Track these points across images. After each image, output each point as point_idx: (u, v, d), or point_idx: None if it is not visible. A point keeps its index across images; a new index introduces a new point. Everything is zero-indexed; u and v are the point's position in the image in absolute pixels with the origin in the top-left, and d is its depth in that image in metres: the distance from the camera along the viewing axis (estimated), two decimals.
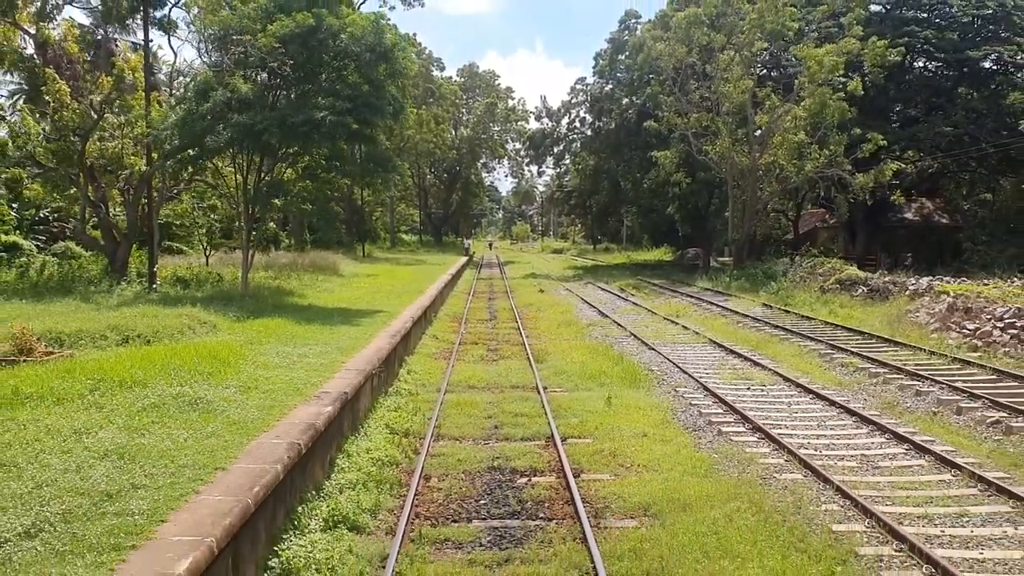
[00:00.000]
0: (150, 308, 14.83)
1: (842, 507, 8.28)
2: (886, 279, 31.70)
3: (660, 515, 7.88)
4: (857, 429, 11.59)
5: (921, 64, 52.17)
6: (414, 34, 54.47)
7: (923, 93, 49.80)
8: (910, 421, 12.21)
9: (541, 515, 8.08)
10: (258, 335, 13.28)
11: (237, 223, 32.30)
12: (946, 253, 48.87)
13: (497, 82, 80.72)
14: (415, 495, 8.42)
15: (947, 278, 31.31)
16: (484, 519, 7.96)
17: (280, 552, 6.35)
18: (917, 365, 16.46)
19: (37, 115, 19.80)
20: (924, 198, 57.70)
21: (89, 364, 9.18)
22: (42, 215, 36.13)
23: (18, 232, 32.86)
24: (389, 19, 20.14)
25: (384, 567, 6.51)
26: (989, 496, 8.72)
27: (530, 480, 9.17)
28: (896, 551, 7.20)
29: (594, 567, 6.61)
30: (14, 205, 33.48)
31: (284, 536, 6.63)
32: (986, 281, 28.66)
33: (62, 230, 35.79)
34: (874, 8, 49.62)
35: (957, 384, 14.24)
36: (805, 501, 8.38)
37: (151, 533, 4.92)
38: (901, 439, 10.87)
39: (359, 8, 33.49)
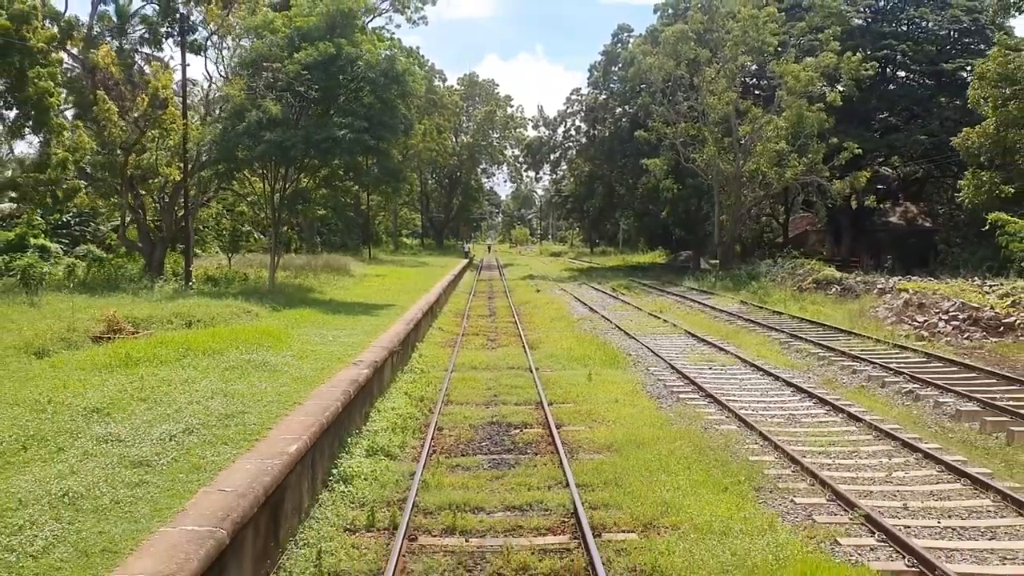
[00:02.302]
0: (200, 300, 17.32)
1: (761, 446, 10.73)
2: (858, 279, 34.12)
3: (620, 450, 10.31)
4: (792, 397, 14.04)
5: (903, 74, 54.80)
6: (417, 47, 57.07)
7: (903, 102, 52.38)
8: (840, 392, 14.64)
9: (529, 451, 10.52)
10: (295, 321, 15.75)
11: (255, 228, 34.82)
12: (927, 255, 51.05)
13: (496, 90, 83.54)
14: (432, 438, 10.86)
15: (915, 278, 33.76)
16: (486, 453, 10.40)
17: (338, 465, 8.80)
18: (862, 350, 18.89)
19: (90, 132, 22.21)
20: (909, 202, 60.24)
21: (175, 338, 11.64)
22: (64, 219, 38.55)
23: (44, 236, 35.36)
24: (394, 34, 22.51)
25: (413, 477, 8.94)
26: (880, 440, 11.15)
27: (521, 430, 11.60)
28: (793, 472, 9.65)
29: (566, 478, 9.05)
30: (38, 210, 35.95)
31: (339, 456, 9.09)
32: (949, 281, 31.12)
33: (83, 234, 38.31)
34: (856, 22, 52.28)
35: (890, 365, 16.66)
36: (733, 442, 10.83)
37: (264, 434, 7.37)
38: (825, 403, 13.31)
39: (367, 25, 35.93)
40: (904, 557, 7.12)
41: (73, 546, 4.71)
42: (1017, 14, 20.85)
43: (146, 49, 26.52)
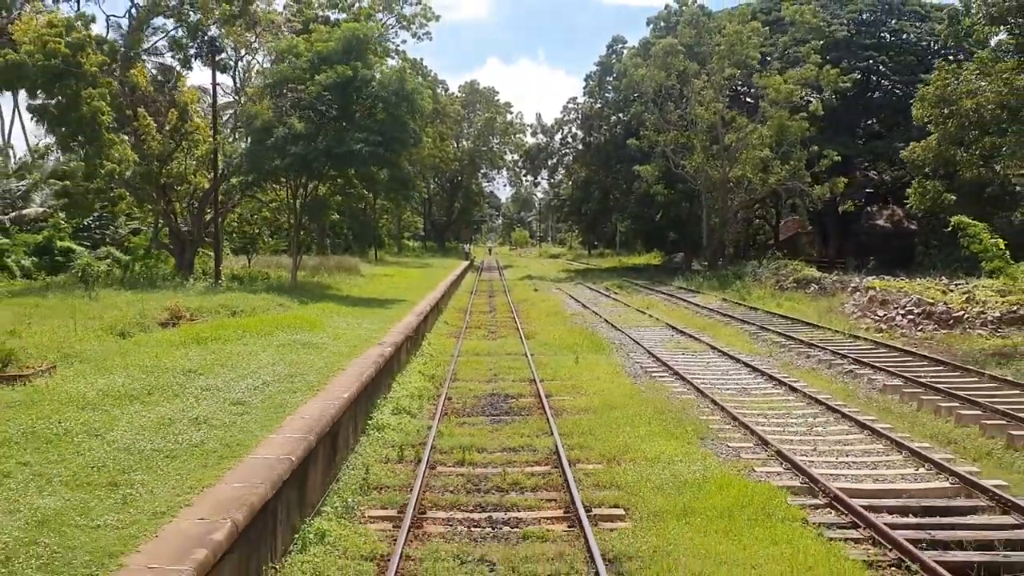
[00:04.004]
0: (237, 294, 19.77)
1: (711, 409, 13.14)
2: (834, 278, 36.56)
3: (596, 412, 12.73)
4: (748, 375, 16.44)
5: (887, 84, 57.26)
6: (421, 59, 59.59)
7: (886, 111, 54.79)
8: (791, 372, 17.02)
9: (522, 413, 12.94)
10: (322, 312, 18.20)
11: (269, 232, 37.25)
12: (910, 256, 53.30)
13: (496, 97, 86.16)
14: (444, 403, 13.28)
15: (888, 277, 36.15)
16: (487, 415, 12.82)
17: (372, 419, 11.24)
18: (820, 340, 21.27)
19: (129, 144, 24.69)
20: (896, 206, 62.59)
21: (230, 323, 14.08)
22: (86, 223, 40.96)
23: (68, 238, 37.82)
24: (399, 47, 24.70)
25: (430, 429, 11.35)
26: (811, 405, 13.55)
27: (517, 399, 14.02)
28: (732, 426, 12.05)
29: (551, 430, 11.46)
30: (61, 214, 38.43)
31: (372, 413, 11.51)
32: (919, 280, 33.50)
33: (103, 236, 40.81)
34: (840, 34, 54.74)
35: (841, 351, 19.06)
36: (690, 406, 13.24)
37: (322, 387, 9.79)
38: (775, 380, 15.69)
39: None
40: (799, 477, 9.54)
41: (218, 441, 7.13)
42: (968, 41, 23.18)
43: (158, 58, 28.99)
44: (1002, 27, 20.99)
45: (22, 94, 41.33)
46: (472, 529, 7.90)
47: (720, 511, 8.14)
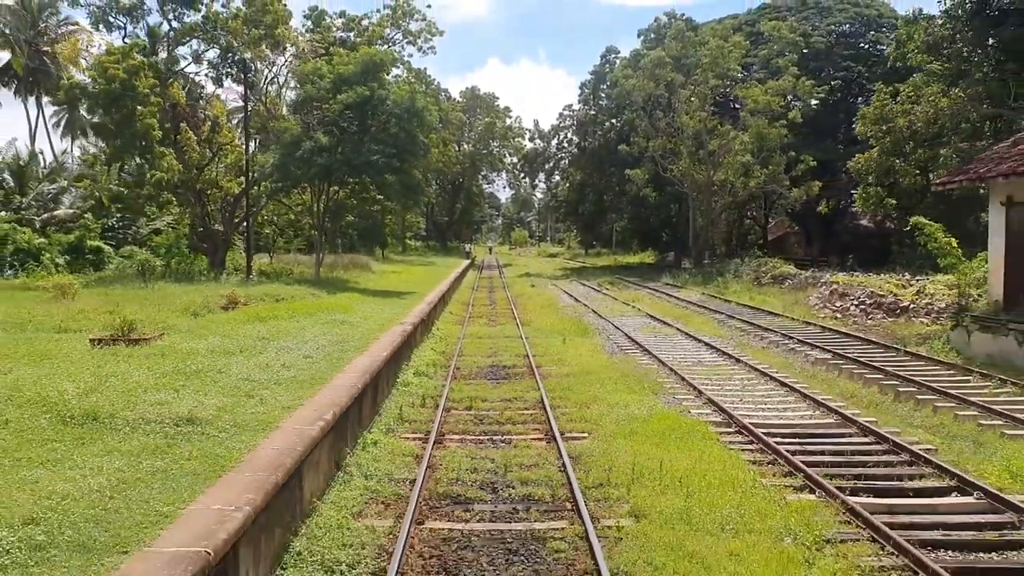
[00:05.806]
0: (274, 286, 23.03)
1: (668, 374, 16.36)
2: (807, 275, 39.75)
3: (575, 376, 15.95)
4: (707, 352, 19.67)
5: (866, 92, 60.51)
6: (424, 68, 63.06)
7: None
8: (743, 350, 20.24)
9: (516, 377, 16.17)
10: (349, 300, 21.45)
11: (291, 232, 40.46)
12: (888, 255, 56.30)
13: (496, 102, 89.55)
14: (453, 371, 16.51)
15: (858, 273, 39.33)
16: (489, 378, 16.06)
17: (399, 378, 14.48)
18: (778, 326, 24.50)
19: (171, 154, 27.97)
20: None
21: (282, 307, 17.32)
22: (110, 223, 44.13)
23: (97, 238, 41.00)
24: (407, 60, 27.79)
25: (444, 387, 14.59)
26: (749, 372, 16.77)
27: (512, 368, 17.26)
28: (681, 385, 15.27)
29: (539, 387, 14.70)
30: (87, 215, 41.64)
31: (398, 374, 14.75)
32: (883, 275, 36.65)
33: (126, 236, 44.03)
34: (820, 45, 58.02)
35: (791, 334, 22.28)
36: (651, 372, 16.48)
37: (365, 348, 13.03)
38: (727, 355, 18.91)
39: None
40: (722, 415, 12.77)
41: (305, 376, 10.36)
42: (913, 58, 26.38)
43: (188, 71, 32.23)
44: (936, 55, 24.24)
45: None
46: (478, 444, 11.13)
47: (655, 433, 11.36)
